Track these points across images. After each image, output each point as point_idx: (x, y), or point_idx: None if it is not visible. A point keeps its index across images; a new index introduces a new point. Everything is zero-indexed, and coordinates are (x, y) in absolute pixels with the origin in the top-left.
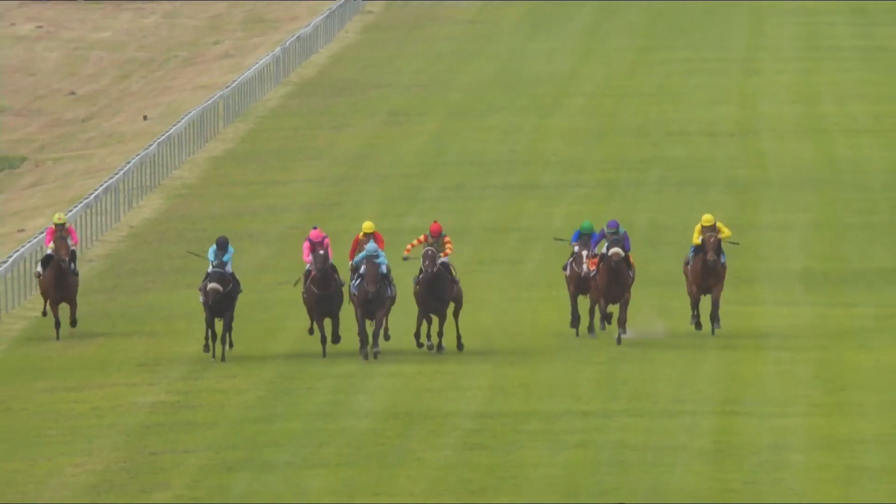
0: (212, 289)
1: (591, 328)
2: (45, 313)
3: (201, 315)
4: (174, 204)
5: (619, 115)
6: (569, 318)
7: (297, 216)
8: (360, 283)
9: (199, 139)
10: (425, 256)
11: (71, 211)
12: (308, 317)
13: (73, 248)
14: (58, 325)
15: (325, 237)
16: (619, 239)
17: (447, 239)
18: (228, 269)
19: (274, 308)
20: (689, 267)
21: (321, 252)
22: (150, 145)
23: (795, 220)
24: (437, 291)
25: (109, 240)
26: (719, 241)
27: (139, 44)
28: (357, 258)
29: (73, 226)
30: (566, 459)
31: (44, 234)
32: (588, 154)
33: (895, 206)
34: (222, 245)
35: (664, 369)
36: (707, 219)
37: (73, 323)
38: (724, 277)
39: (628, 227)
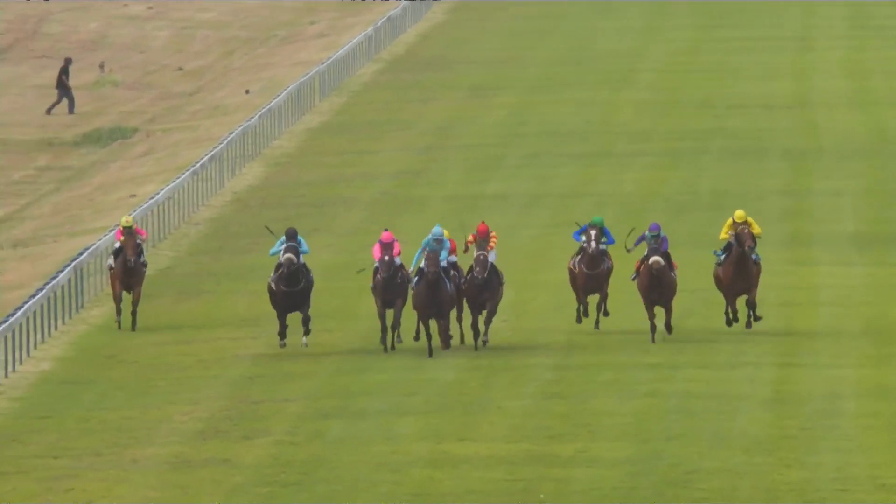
0: (287, 258)
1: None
2: (117, 311)
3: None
4: (274, 171)
5: (683, 89)
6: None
7: (388, 183)
8: (418, 282)
9: (296, 111)
10: (477, 262)
11: (179, 178)
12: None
13: (140, 242)
14: (119, 312)
15: (395, 240)
16: (658, 245)
17: (493, 236)
18: (301, 260)
19: (366, 268)
20: (720, 269)
21: (387, 258)
22: (252, 117)
23: (847, 187)
24: (486, 293)
25: (215, 204)
26: (752, 233)
27: (242, 23)
28: (423, 242)
29: (139, 226)
30: (636, 407)
31: (114, 232)
32: (655, 125)
33: None
34: (291, 236)
35: (724, 323)
36: (739, 215)
37: (133, 313)
38: (758, 279)
39: (692, 194)
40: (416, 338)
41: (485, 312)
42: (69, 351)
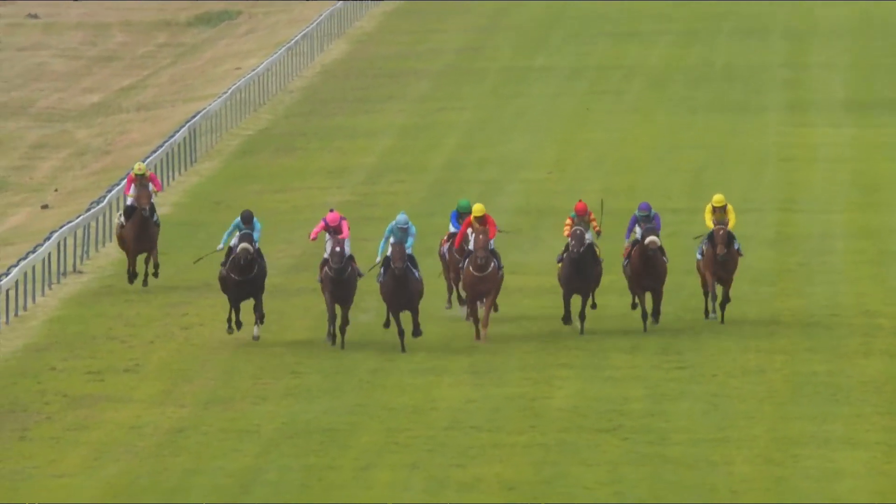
0: (242, 248)
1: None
2: (129, 272)
3: (385, 129)
4: (355, 47)
5: None
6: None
7: (451, 57)
8: (385, 275)
9: None
10: (573, 236)
11: (276, 53)
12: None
13: (155, 194)
14: (134, 276)
15: (343, 219)
16: (653, 226)
17: (592, 216)
18: (256, 245)
19: (433, 129)
20: (701, 261)
21: (338, 250)
22: (338, 1)
23: (838, 61)
24: (583, 272)
25: (306, 75)
26: (728, 232)
27: None
28: (386, 230)
29: (153, 173)
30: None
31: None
32: (676, 9)
33: None
34: (247, 219)
35: (735, 176)
36: (718, 199)
37: (156, 272)
38: (736, 268)
39: (708, 67)
40: (387, 325)
41: (578, 300)
42: (184, 198)
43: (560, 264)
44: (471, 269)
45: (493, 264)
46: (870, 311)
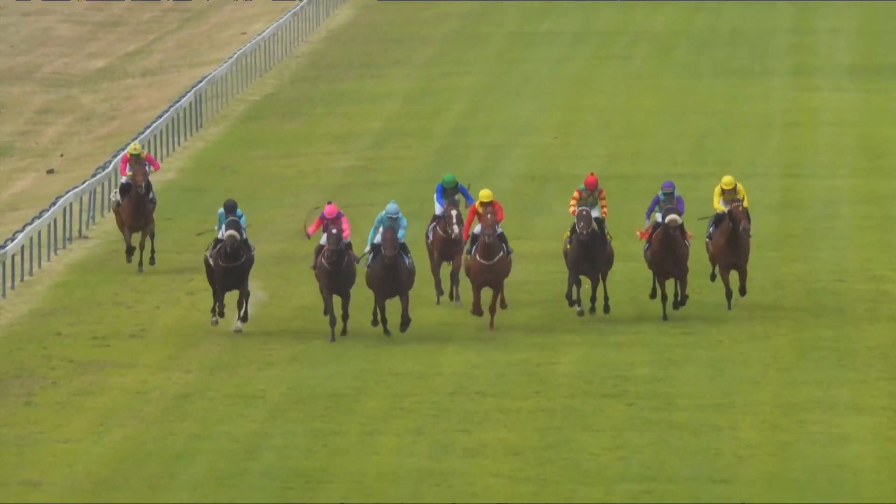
0: (229, 235)
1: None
2: (127, 249)
3: (390, 94)
4: (361, 12)
5: None
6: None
7: (457, 22)
8: (374, 261)
9: None
10: (580, 217)
11: (282, 17)
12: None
13: (151, 172)
14: (131, 251)
15: (341, 213)
16: (674, 204)
17: (602, 193)
18: (244, 234)
19: (439, 94)
20: (711, 242)
21: (334, 231)
22: None
23: (844, 26)
24: (590, 254)
25: (312, 41)
26: (746, 209)
27: None
28: (376, 220)
29: (149, 153)
30: None
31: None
32: None
33: None
34: (230, 208)
35: (740, 141)
36: (727, 181)
37: (152, 259)
38: (749, 249)
39: (713, 32)
40: (375, 322)
41: (587, 283)
42: (189, 163)
43: (569, 245)
44: (477, 256)
45: (500, 252)
46: (876, 276)
